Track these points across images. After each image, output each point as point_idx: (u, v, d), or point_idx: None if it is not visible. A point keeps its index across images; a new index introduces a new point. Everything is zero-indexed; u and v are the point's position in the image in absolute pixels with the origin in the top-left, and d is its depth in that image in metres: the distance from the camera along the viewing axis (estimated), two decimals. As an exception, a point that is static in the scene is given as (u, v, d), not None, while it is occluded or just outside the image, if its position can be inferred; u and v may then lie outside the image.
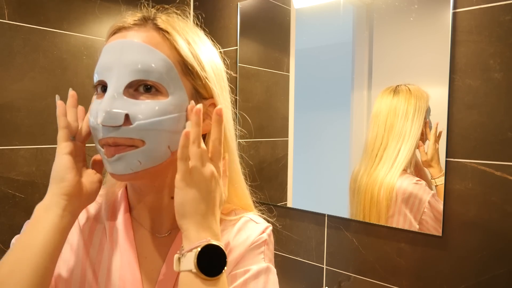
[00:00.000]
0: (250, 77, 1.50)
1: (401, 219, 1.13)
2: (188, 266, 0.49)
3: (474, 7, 0.98)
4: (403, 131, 1.13)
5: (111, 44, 0.55)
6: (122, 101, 0.52)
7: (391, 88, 1.14)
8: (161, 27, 0.57)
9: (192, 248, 0.50)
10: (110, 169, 0.55)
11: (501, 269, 0.97)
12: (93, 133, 0.56)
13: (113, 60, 0.54)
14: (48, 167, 1.28)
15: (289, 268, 1.39)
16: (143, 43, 0.54)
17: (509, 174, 0.95)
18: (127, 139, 0.53)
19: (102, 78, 0.54)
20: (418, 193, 1.11)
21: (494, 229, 0.98)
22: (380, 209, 1.17)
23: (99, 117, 0.51)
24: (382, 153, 1.17)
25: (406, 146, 1.12)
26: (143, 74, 0.53)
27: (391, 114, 1.15)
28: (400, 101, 1.13)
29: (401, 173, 1.13)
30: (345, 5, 1.23)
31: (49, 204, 0.53)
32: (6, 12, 1.18)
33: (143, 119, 0.52)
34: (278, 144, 1.44)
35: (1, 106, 1.19)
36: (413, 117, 1.11)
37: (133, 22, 0.57)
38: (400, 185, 1.13)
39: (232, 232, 0.62)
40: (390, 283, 1.16)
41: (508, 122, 0.95)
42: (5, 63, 1.19)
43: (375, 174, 1.18)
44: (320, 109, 1.35)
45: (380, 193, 1.17)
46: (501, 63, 0.95)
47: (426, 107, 1.09)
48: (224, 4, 1.57)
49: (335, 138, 1.30)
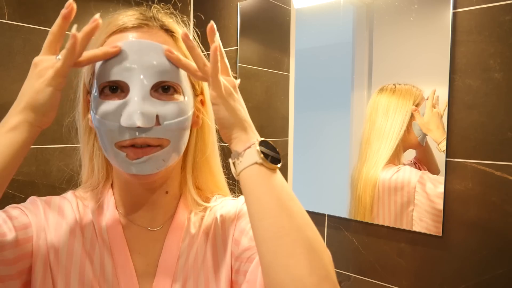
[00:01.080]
0: (250, 77, 1.50)
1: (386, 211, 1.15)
2: (251, 160, 0.50)
3: (474, 7, 0.98)
4: (383, 129, 1.14)
5: (124, 43, 0.54)
6: (151, 102, 0.52)
7: (380, 87, 1.16)
8: (169, 29, 0.58)
9: (250, 145, 0.51)
10: (134, 171, 0.53)
11: (501, 269, 0.97)
12: (110, 136, 0.53)
13: (133, 61, 0.52)
14: (47, 167, 1.28)
15: (289, 268, 1.39)
16: (162, 45, 0.54)
17: (509, 174, 0.95)
18: (156, 139, 0.53)
19: (121, 79, 0.52)
20: (404, 176, 1.12)
21: (494, 229, 0.98)
22: (365, 205, 1.19)
23: (135, 119, 0.50)
24: (367, 151, 1.18)
25: (386, 143, 1.14)
26: (166, 75, 0.54)
27: (373, 112, 1.17)
28: (382, 99, 1.15)
29: (384, 167, 1.15)
30: (345, 5, 1.23)
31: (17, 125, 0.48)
32: (6, 12, 1.18)
33: (170, 119, 0.53)
34: (278, 144, 1.44)
35: (1, 106, 1.19)
36: (393, 114, 1.12)
37: (138, 22, 0.57)
38: (383, 178, 1.15)
39: (218, 212, 0.65)
40: (390, 283, 1.16)
41: (508, 122, 0.95)
42: (5, 63, 1.19)
43: (362, 172, 1.20)
44: (320, 109, 1.35)
45: (365, 189, 1.18)
46: (501, 63, 0.95)
47: (411, 105, 1.10)
48: (224, 4, 1.57)
49: (335, 138, 1.30)
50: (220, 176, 0.69)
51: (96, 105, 0.54)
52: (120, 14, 0.59)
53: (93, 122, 0.56)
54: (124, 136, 0.52)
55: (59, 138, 1.31)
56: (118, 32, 0.56)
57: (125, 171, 0.54)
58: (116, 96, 0.54)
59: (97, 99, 0.54)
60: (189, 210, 0.65)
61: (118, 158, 0.54)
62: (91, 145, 0.64)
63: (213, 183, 0.68)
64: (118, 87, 0.54)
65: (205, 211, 0.65)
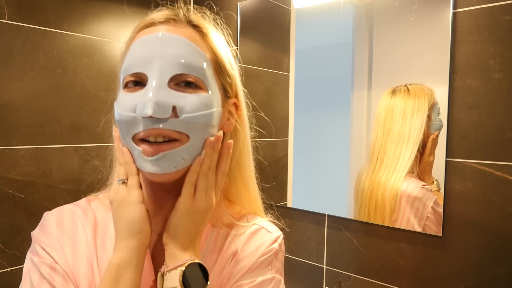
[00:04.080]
0: (250, 77, 1.50)
1: (404, 223, 1.12)
2: (172, 283, 0.50)
3: (474, 7, 0.98)
4: (401, 133, 1.10)
5: (148, 36, 0.53)
6: (168, 93, 0.50)
7: (391, 89, 1.13)
8: (196, 24, 0.57)
9: (177, 266, 0.50)
10: (149, 169, 0.51)
11: (501, 269, 0.97)
12: (128, 128, 0.52)
13: (153, 52, 0.52)
14: (47, 167, 1.28)
15: (289, 268, 1.39)
16: (185, 38, 0.53)
17: (509, 174, 0.95)
18: (174, 132, 0.51)
19: (141, 70, 0.51)
20: (423, 198, 1.08)
21: (494, 229, 0.98)
22: (384, 214, 1.14)
23: (148, 108, 0.48)
24: (382, 157, 1.14)
25: (407, 149, 1.09)
26: (186, 69, 0.52)
27: (388, 116, 1.12)
28: (397, 102, 1.11)
29: (406, 176, 1.10)
30: (345, 5, 1.23)
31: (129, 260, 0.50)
32: (6, 12, 1.18)
33: (190, 112, 0.51)
34: (278, 144, 1.44)
35: (1, 106, 1.19)
36: (411, 117, 1.08)
37: (165, 17, 0.56)
38: (406, 188, 1.10)
39: (242, 240, 0.60)
40: (390, 283, 1.16)
41: (508, 122, 0.95)
42: (5, 63, 1.19)
43: (377, 179, 1.15)
44: (320, 109, 1.35)
45: (384, 197, 1.14)
46: (501, 63, 0.95)
47: (428, 105, 1.06)
48: (224, 4, 1.57)
49: (335, 138, 1.30)
50: (255, 189, 0.65)
51: (119, 99, 0.54)
52: (151, 13, 0.59)
53: (115, 116, 0.55)
54: (139, 127, 0.51)
55: (59, 138, 1.31)
56: (146, 27, 0.56)
57: (141, 168, 0.53)
58: (138, 89, 0.53)
59: (121, 93, 0.54)
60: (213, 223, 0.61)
61: (135, 153, 0.52)
62: None
63: (247, 197, 0.64)
64: (140, 81, 0.53)
65: (231, 229, 0.61)
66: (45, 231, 0.59)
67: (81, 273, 0.56)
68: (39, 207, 1.26)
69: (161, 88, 0.50)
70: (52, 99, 1.28)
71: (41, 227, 0.60)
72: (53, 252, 0.57)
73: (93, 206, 0.63)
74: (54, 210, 0.62)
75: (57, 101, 1.28)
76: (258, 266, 0.59)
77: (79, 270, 0.56)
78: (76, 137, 1.34)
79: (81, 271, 0.56)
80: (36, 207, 1.26)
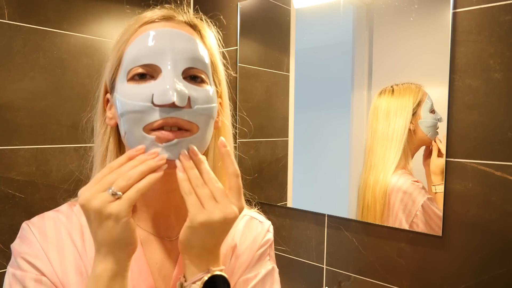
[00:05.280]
0: (250, 77, 1.50)
1: (392, 219, 1.13)
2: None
3: (474, 7, 0.98)
4: (386, 134, 1.11)
5: (156, 30, 0.53)
6: (183, 84, 0.51)
7: (380, 90, 1.15)
8: (195, 25, 0.59)
9: (196, 281, 0.49)
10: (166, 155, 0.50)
11: (501, 269, 0.97)
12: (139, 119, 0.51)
13: (164, 46, 0.52)
14: (47, 167, 1.28)
15: (289, 268, 1.39)
16: (191, 35, 0.55)
17: (509, 174, 0.95)
18: (187, 122, 0.51)
19: (152, 62, 0.52)
20: (413, 193, 1.09)
21: (494, 229, 0.98)
22: (375, 213, 1.17)
23: (170, 95, 0.48)
24: (371, 158, 1.16)
25: (391, 148, 1.11)
26: (196, 63, 0.54)
27: (373, 118, 1.14)
28: (381, 103, 1.12)
29: (397, 173, 1.11)
30: (345, 5, 1.23)
31: (117, 271, 0.48)
32: (6, 12, 1.18)
33: (201, 103, 0.53)
34: (278, 144, 1.44)
35: (1, 106, 1.19)
36: (394, 117, 1.10)
37: (165, 16, 0.57)
38: (395, 183, 1.12)
39: (238, 232, 0.64)
40: (390, 283, 1.16)
41: (508, 122, 0.95)
42: (5, 63, 1.19)
43: (368, 179, 1.18)
44: (320, 109, 1.35)
45: (374, 196, 1.16)
46: (501, 63, 0.95)
47: (413, 103, 1.07)
48: (224, 4, 1.57)
49: (335, 138, 1.30)
50: None
51: (124, 91, 0.52)
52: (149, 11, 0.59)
53: (118, 110, 0.53)
54: (154, 116, 0.50)
55: (59, 138, 1.31)
56: (147, 24, 0.56)
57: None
58: (149, 80, 0.52)
59: (124, 85, 0.53)
60: None
61: (146, 143, 0.51)
62: (104, 146, 0.61)
63: None
64: (147, 74, 0.52)
65: None
66: (27, 241, 0.56)
67: (71, 283, 0.54)
68: (39, 207, 1.26)
69: (178, 78, 0.51)
70: (52, 99, 1.28)
71: (21, 238, 0.57)
72: (38, 262, 0.54)
73: (76, 211, 0.61)
74: (34, 218, 0.59)
75: (57, 101, 1.28)
76: (259, 259, 0.64)
77: (69, 280, 0.54)
78: (76, 137, 1.34)
79: (71, 281, 0.54)
80: (36, 207, 1.26)
